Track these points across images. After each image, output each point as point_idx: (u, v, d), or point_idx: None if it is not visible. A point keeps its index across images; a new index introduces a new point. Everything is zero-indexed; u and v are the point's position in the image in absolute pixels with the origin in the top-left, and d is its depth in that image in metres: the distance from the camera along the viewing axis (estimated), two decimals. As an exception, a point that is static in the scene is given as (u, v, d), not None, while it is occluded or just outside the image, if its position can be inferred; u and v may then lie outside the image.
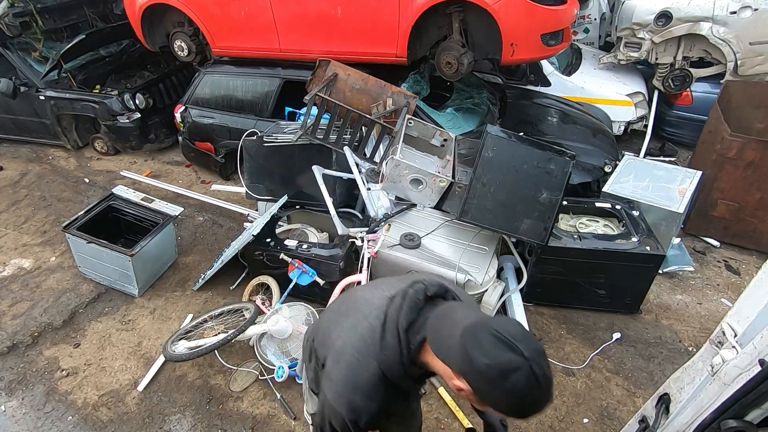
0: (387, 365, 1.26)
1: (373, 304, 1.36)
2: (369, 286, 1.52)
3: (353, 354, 1.30)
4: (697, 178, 3.71)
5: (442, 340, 1.17)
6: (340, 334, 1.38)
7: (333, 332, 1.41)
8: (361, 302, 1.42)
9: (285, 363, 3.01)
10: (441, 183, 3.43)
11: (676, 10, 4.66)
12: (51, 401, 3.01)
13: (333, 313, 1.52)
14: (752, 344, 1.25)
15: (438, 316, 1.22)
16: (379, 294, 1.39)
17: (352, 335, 1.34)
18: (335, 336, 1.39)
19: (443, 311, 1.23)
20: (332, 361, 1.36)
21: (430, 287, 1.27)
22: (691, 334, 3.39)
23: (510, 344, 1.06)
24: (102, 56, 5.80)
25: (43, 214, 4.69)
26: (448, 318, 1.19)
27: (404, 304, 1.25)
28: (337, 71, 3.94)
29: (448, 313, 1.21)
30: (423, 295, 1.26)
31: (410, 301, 1.25)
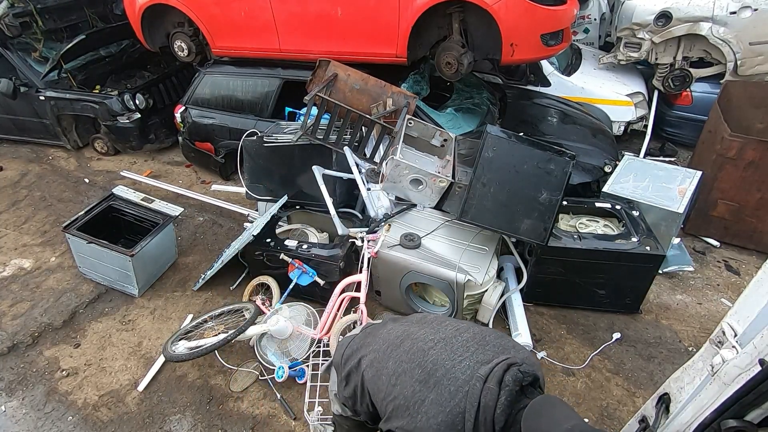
0: None
1: (457, 378, 1.25)
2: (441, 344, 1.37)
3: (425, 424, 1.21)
4: (697, 178, 3.71)
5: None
6: (421, 409, 1.26)
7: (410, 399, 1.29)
8: (442, 372, 1.29)
9: (285, 363, 3.01)
10: (441, 183, 3.43)
11: (676, 11, 4.66)
12: (51, 401, 3.01)
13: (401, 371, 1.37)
14: (752, 344, 1.25)
15: (536, 414, 1.12)
16: (457, 362, 1.27)
17: (439, 415, 1.22)
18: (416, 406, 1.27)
19: (541, 407, 1.14)
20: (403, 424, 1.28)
21: (526, 376, 1.18)
22: (691, 334, 3.39)
23: None
24: (102, 56, 5.80)
25: (43, 214, 4.69)
26: (547, 416, 1.10)
27: (501, 396, 1.15)
28: (337, 71, 3.94)
29: (547, 411, 1.12)
30: (519, 386, 1.17)
31: (508, 395, 1.15)
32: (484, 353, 1.29)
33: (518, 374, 1.18)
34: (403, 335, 1.49)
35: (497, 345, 1.36)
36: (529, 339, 3.16)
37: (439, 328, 1.47)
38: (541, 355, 3.21)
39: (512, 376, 1.18)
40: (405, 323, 1.60)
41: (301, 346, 3.10)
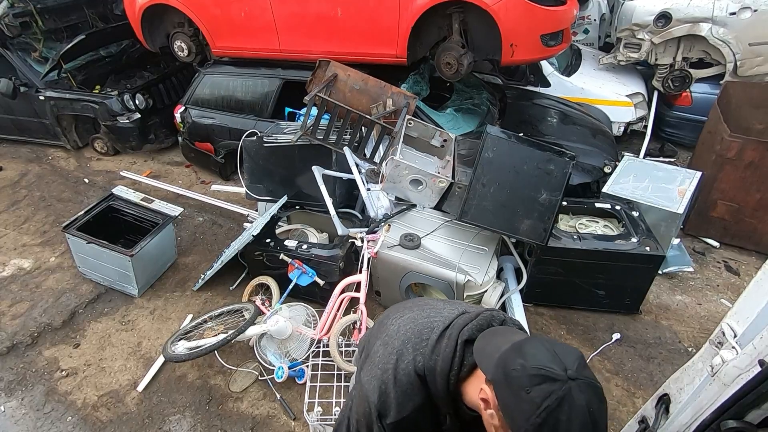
0: (431, 371, 1.14)
1: (441, 312, 1.26)
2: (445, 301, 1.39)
3: (405, 343, 1.20)
4: (697, 179, 3.71)
5: (487, 347, 1.07)
6: (397, 321, 1.27)
7: (390, 319, 1.31)
8: (431, 306, 1.31)
9: (285, 363, 3.01)
10: (441, 183, 3.43)
11: (676, 11, 4.66)
12: (50, 402, 3.01)
13: (395, 308, 1.39)
14: (752, 345, 1.25)
15: (496, 331, 1.13)
16: (451, 308, 1.28)
17: (409, 325, 1.23)
18: (391, 322, 1.29)
19: (505, 330, 1.13)
20: (381, 343, 1.26)
21: (509, 320, 1.19)
22: (691, 334, 3.40)
23: (556, 356, 0.93)
24: (102, 56, 5.80)
25: (42, 214, 4.69)
26: (506, 335, 1.09)
27: (476, 320, 1.16)
28: (337, 72, 3.94)
29: (508, 332, 1.11)
30: (498, 322, 1.17)
31: (483, 320, 1.15)
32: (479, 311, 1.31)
33: (500, 315, 1.18)
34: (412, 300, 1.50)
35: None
36: (528, 339, 3.16)
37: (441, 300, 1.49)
38: (541, 355, 3.20)
39: (495, 313, 1.18)
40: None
41: (300, 347, 3.10)
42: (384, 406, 1.17)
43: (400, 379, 1.16)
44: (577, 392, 0.89)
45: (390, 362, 1.19)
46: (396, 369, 1.17)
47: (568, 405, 0.88)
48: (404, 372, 1.16)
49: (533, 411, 0.90)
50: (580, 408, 0.88)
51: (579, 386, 0.90)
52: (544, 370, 0.91)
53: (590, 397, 0.90)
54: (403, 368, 1.17)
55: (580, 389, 0.89)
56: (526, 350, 0.96)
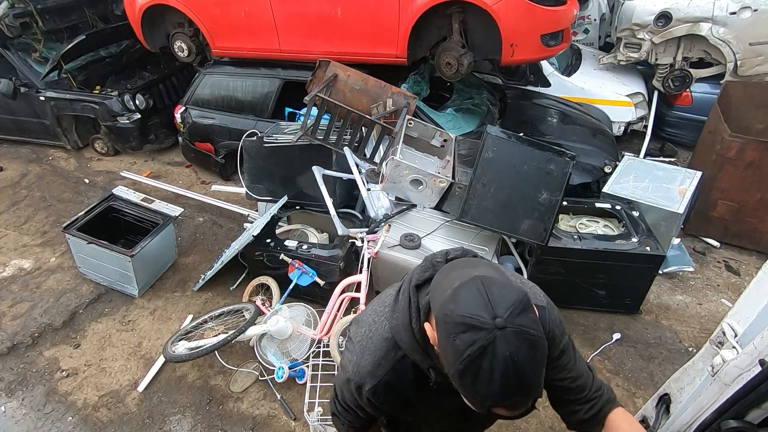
0: (397, 330, 1.13)
1: (403, 279, 1.25)
2: None
3: (370, 315, 1.24)
4: (697, 179, 3.71)
5: (443, 282, 1.02)
6: (370, 303, 1.33)
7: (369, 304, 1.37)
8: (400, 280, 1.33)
9: (285, 363, 3.01)
10: (441, 183, 3.43)
11: (676, 11, 4.66)
12: (51, 402, 3.01)
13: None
14: (752, 344, 1.25)
15: (451, 266, 1.08)
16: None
17: (376, 301, 1.29)
18: (368, 307, 1.34)
19: (461, 262, 1.09)
20: (354, 324, 1.31)
21: (453, 251, 1.15)
22: (691, 334, 3.39)
23: (488, 303, 0.90)
24: (102, 57, 5.80)
25: (43, 214, 4.69)
26: (462, 268, 1.04)
27: (422, 264, 1.15)
28: (337, 72, 3.94)
29: (465, 265, 1.06)
30: (443, 257, 1.14)
31: (427, 261, 1.14)
32: None
33: (444, 251, 1.17)
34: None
35: None
36: (529, 339, 3.16)
37: None
38: (541, 355, 3.20)
39: (438, 252, 1.16)
40: None
41: (301, 347, 3.10)
42: (359, 376, 1.19)
43: (370, 347, 1.19)
44: (501, 342, 0.87)
45: (363, 338, 1.22)
46: (366, 339, 1.21)
47: (490, 354, 0.87)
48: (373, 339, 1.19)
49: (457, 358, 0.90)
50: (503, 357, 0.87)
51: (506, 335, 0.87)
52: (470, 318, 0.89)
53: (517, 346, 0.87)
54: (371, 336, 1.20)
55: (506, 338, 0.87)
56: (460, 295, 0.94)
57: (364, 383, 1.18)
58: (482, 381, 0.89)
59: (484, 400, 0.92)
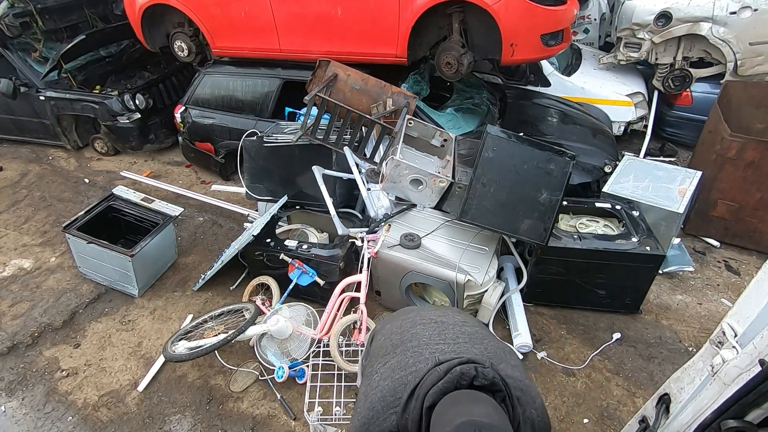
0: (404, 430, 1.18)
1: (421, 356, 1.27)
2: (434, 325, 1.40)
3: (381, 400, 1.25)
4: (697, 179, 3.71)
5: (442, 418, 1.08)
6: (380, 370, 1.32)
7: (377, 362, 1.35)
8: (414, 344, 1.33)
9: (285, 363, 3.01)
10: (441, 183, 3.43)
11: (676, 11, 4.66)
12: (51, 401, 3.01)
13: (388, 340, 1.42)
14: (752, 344, 1.25)
15: (455, 399, 1.11)
16: (433, 344, 1.29)
17: (387, 380, 1.28)
18: (377, 368, 1.33)
19: (465, 396, 1.12)
20: (363, 394, 1.32)
21: (481, 377, 1.13)
22: (691, 334, 3.39)
23: None
24: (102, 57, 5.80)
25: (43, 214, 4.69)
26: (463, 405, 1.08)
27: (441, 381, 1.14)
28: (337, 71, 3.94)
29: (467, 401, 1.10)
30: (467, 382, 1.14)
31: (448, 383, 1.13)
32: (468, 349, 1.28)
33: (471, 371, 1.14)
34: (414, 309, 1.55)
35: (492, 349, 1.33)
36: (528, 339, 3.17)
37: (448, 314, 1.49)
38: (541, 355, 3.21)
39: (464, 369, 1.15)
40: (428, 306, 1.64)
41: (301, 347, 3.10)
42: None
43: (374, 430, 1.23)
44: None
45: (368, 417, 1.26)
46: (373, 426, 1.24)
47: None
48: (380, 429, 1.23)
49: None
50: None
51: None
52: None
53: None
54: (379, 426, 1.23)
55: None
56: None
57: None
58: None
59: None
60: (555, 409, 2.92)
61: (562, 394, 3.00)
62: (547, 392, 3.01)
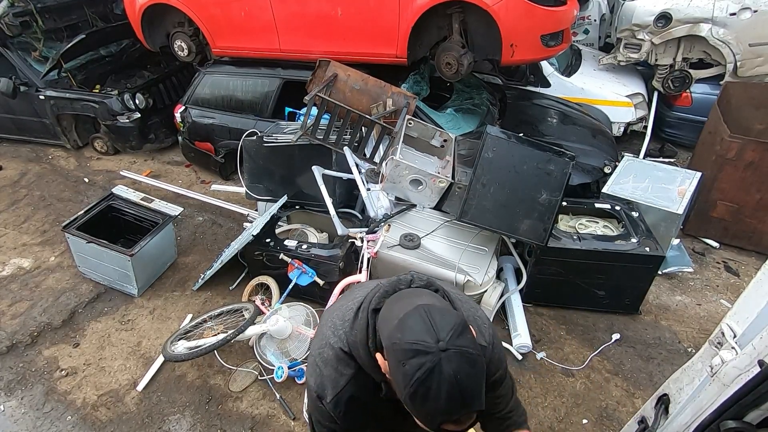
0: (355, 347, 1.20)
1: (367, 288, 1.32)
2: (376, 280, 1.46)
3: (330, 329, 1.29)
4: (697, 179, 3.71)
5: (388, 315, 1.10)
6: (328, 313, 1.37)
7: (325, 315, 1.40)
8: (360, 288, 1.40)
9: (284, 363, 3.01)
10: (441, 183, 3.43)
11: (676, 12, 4.66)
12: (50, 401, 3.01)
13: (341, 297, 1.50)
14: (751, 345, 1.25)
15: (400, 295, 1.15)
16: (373, 284, 1.34)
17: (335, 314, 1.33)
18: (325, 318, 1.38)
19: (407, 292, 1.16)
20: (315, 336, 1.37)
21: (418, 280, 1.20)
22: (691, 335, 3.40)
23: (432, 329, 0.99)
24: (102, 56, 5.80)
25: (42, 213, 4.69)
26: (407, 299, 1.12)
27: (382, 287, 1.20)
28: (337, 71, 3.94)
29: (410, 295, 1.13)
30: (405, 284, 1.20)
31: (388, 286, 1.20)
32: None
33: (408, 276, 1.21)
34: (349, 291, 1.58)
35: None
36: (528, 339, 3.17)
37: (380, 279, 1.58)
38: (541, 355, 3.21)
39: (401, 276, 1.22)
40: None
41: (300, 347, 3.10)
42: (321, 387, 1.25)
43: (330, 359, 1.25)
44: (446, 362, 0.95)
45: (320, 347, 1.29)
46: (326, 351, 1.27)
47: (437, 375, 0.95)
48: (332, 351, 1.25)
49: (407, 381, 0.98)
50: (448, 376, 0.95)
51: (449, 356, 0.96)
52: (417, 344, 0.98)
53: (459, 365, 0.96)
54: (331, 349, 1.26)
55: (449, 359, 0.96)
56: (406, 324, 1.02)
57: (326, 394, 1.24)
58: (431, 400, 0.97)
59: (434, 417, 1.00)
60: (554, 409, 2.92)
61: (562, 395, 3.00)
62: (547, 393, 3.01)
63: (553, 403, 2.96)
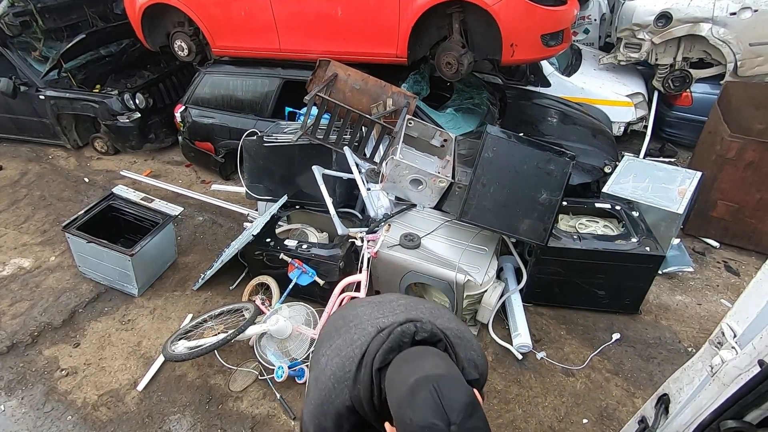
0: (358, 401, 1.20)
1: (364, 330, 1.30)
2: (372, 304, 1.43)
3: (330, 378, 1.26)
4: (697, 179, 3.71)
5: (395, 378, 1.10)
6: (327, 353, 1.33)
7: (323, 347, 1.37)
8: (356, 323, 1.35)
9: (285, 363, 3.01)
10: (441, 183, 3.43)
11: (676, 11, 4.66)
12: (50, 401, 3.01)
13: (331, 325, 1.46)
14: (751, 345, 1.25)
15: (404, 358, 1.14)
16: (374, 319, 1.32)
17: (335, 358, 1.29)
18: (322, 353, 1.35)
19: (413, 354, 1.15)
20: (312, 378, 1.33)
21: (421, 331, 1.18)
22: (691, 334, 3.40)
23: (442, 410, 0.99)
24: (102, 56, 5.79)
25: (42, 213, 4.69)
26: (413, 362, 1.11)
27: (386, 342, 1.18)
28: (337, 71, 3.94)
29: (415, 358, 1.13)
30: (409, 338, 1.17)
31: (392, 342, 1.17)
32: (406, 314, 1.31)
33: (410, 327, 1.19)
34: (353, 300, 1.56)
35: (426, 310, 1.37)
36: (528, 339, 3.17)
37: (386, 295, 1.52)
38: (541, 355, 3.21)
39: (405, 328, 1.19)
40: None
41: (300, 346, 3.10)
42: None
43: (332, 415, 1.24)
44: None
45: (321, 398, 1.26)
46: (326, 408, 1.24)
47: None
48: (335, 406, 1.23)
49: None
50: None
51: None
52: (428, 428, 0.97)
53: None
54: (333, 403, 1.24)
55: None
56: (416, 401, 1.02)
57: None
58: None
59: None
60: (554, 409, 2.92)
61: (562, 394, 3.00)
62: (547, 392, 3.01)
63: (554, 402, 2.96)
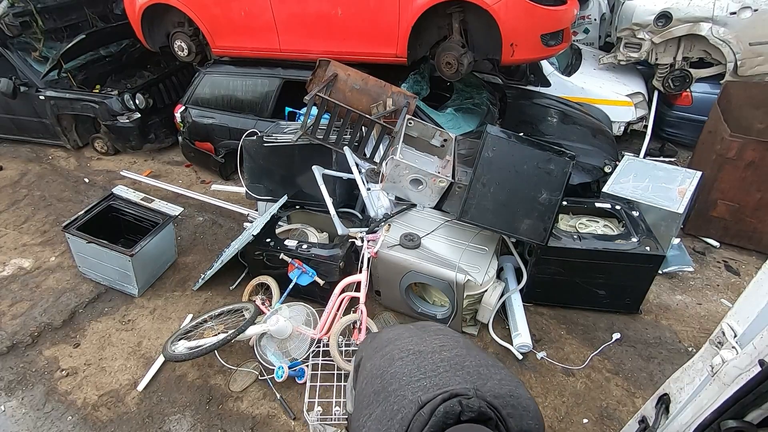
0: None
1: (404, 398, 1.22)
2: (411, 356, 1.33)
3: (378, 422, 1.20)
4: (697, 179, 3.71)
5: None
6: (366, 423, 1.26)
7: (362, 414, 1.30)
8: (395, 387, 1.27)
9: (285, 363, 3.01)
10: (441, 183, 3.43)
11: (676, 11, 4.66)
12: (51, 401, 3.01)
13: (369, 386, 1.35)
14: (752, 344, 1.25)
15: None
16: (414, 381, 1.24)
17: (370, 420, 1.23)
18: (363, 421, 1.28)
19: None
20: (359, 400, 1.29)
21: (467, 411, 1.09)
22: (691, 334, 3.40)
23: None
24: (102, 56, 5.80)
25: (42, 213, 4.69)
26: None
27: (428, 426, 1.11)
28: (337, 71, 3.94)
29: None
30: (454, 419, 1.10)
31: (435, 426, 1.10)
32: (449, 378, 1.22)
33: (456, 407, 1.10)
34: (391, 338, 1.46)
35: (473, 369, 1.27)
36: (528, 339, 3.17)
37: (426, 339, 1.42)
38: (541, 355, 3.21)
39: (448, 407, 1.11)
40: (405, 326, 1.58)
41: (300, 346, 3.10)
42: None
43: None
44: None
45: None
46: None
47: None
48: None
49: None
50: None
51: None
52: None
53: None
54: None
55: None
56: None
57: None
58: None
59: None
60: (555, 409, 2.92)
61: (562, 394, 3.00)
62: (547, 392, 3.01)
63: (554, 402, 2.96)
